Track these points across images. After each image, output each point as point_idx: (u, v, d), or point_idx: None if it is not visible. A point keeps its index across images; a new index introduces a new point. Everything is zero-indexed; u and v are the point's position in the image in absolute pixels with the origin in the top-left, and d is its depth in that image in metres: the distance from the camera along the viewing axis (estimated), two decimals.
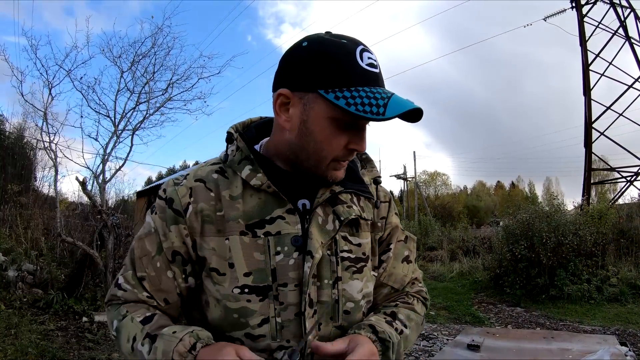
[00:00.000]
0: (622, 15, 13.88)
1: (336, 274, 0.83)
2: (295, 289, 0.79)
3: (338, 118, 0.76)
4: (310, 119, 0.77)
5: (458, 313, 6.85)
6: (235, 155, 0.85)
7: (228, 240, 0.79)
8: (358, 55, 0.75)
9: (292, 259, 0.80)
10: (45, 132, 6.53)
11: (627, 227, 9.02)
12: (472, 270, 10.41)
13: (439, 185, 47.60)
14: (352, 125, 0.78)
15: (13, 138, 14.13)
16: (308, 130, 0.78)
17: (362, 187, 0.91)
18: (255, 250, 0.79)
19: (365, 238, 0.90)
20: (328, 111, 0.76)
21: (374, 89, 0.74)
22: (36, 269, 5.95)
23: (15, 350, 3.88)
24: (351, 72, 0.74)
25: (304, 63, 0.76)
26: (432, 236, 16.84)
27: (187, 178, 0.85)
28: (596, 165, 14.95)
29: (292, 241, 0.80)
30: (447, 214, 31.44)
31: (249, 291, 0.78)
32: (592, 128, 13.80)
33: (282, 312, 0.79)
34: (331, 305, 0.83)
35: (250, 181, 0.81)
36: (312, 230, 0.81)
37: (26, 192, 11.39)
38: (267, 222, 0.80)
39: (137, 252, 0.84)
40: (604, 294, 6.94)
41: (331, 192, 0.85)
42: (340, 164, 0.82)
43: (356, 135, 0.79)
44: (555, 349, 1.87)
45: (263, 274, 0.79)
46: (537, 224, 7.62)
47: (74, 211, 9.43)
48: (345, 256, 0.85)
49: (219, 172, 0.85)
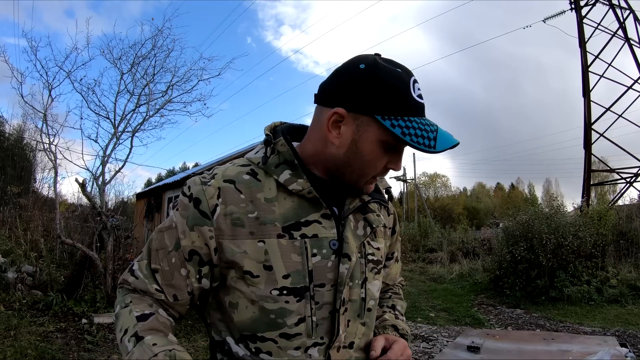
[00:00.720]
0: (622, 17, 13.90)
1: (364, 275, 0.90)
2: (331, 289, 0.84)
3: (388, 142, 0.81)
4: (362, 139, 0.82)
5: (458, 315, 6.84)
6: (272, 159, 0.87)
7: (264, 243, 0.81)
8: (412, 86, 0.80)
9: (330, 261, 0.84)
10: (45, 134, 6.55)
11: (627, 229, 9.02)
12: (472, 272, 10.41)
13: (438, 187, 47.65)
14: (396, 149, 0.84)
15: (13, 139, 14.13)
16: (358, 149, 0.83)
17: (383, 198, 1.00)
18: (293, 252, 0.82)
19: (382, 243, 0.98)
20: (381, 135, 0.81)
21: (424, 120, 0.80)
22: (35, 271, 5.95)
23: (15, 351, 3.87)
24: (406, 102, 0.79)
25: (362, 86, 0.80)
26: (431, 238, 16.84)
27: (216, 178, 0.85)
28: (596, 166, 14.96)
29: (330, 244, 0.85)
30: (446, 215, 31.44)
31: (287, 293, 0.81)
32: (592, 129, 13.80)
33: (317, 311, 0.83)
34: (359, 303, 0.89)
35: (289, 185, 0.84)
36: (347, 235, 0.87)
37: (26, 193, 11.39)
38: (302, 225, 0.84)
39: (154, 244, 0.86)
40: (604, 295, 6.94)
41: (361, 201, 0.92)
42: (376, 179, 0.90)
43: (396, 157, 0.86)
44: (555, 351, 1.87)
45: (300, 276, 0.81)
46: (537, 226, 7.62)
47: (73, 213, 9.41)
48: (370, 259, 0.92)
49: (250, 174, 0.86)
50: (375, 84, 0.79)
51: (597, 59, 13.97)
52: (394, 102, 0.79)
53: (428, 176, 46.38)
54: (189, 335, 4.91)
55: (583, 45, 14.27)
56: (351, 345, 0.89)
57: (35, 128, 9.80)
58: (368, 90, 0.79)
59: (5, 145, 13.38)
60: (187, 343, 4.65)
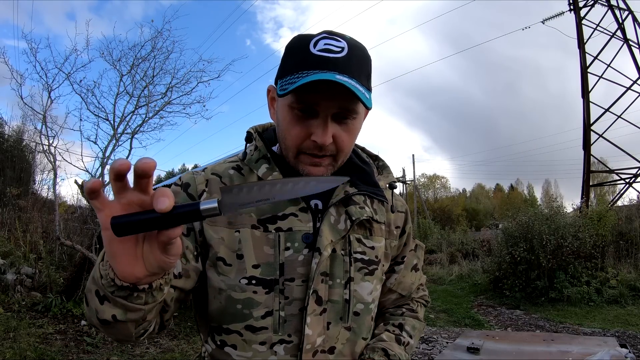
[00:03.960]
0: (620, 18, 13.93)
1: (349, 274, 0.84)
2: (302, 285, 0.80)
3: (292, 106, 0.78)
4: (279, 109, 0.83)
5: (457, 316, 6.83)
6: (253, 154, 0.88)
7: (239, 232, 0.80)
8: (312, 43, 0.76)
9: (302, 255, 0.81)
10: (45, 135, 6.54)
11: (626, 229, 9.02)
12: (472, 273, 10.40)
13: (438, 189, 47.68)
14: (311, 113, 0.78)
15: (12, 141, 14.12)
16: (279, 120, 0.84)
17: (376, 190, 0.92)
18: (266, 244, 0.80)
19: (379, 242, 0.91)
20: (286, 99, 0.79)
21: (313, 72, 0.73)
22: (35, 273, 5.93)
23: (14, 353, 3.86)
24: (299, 60, 0.76)
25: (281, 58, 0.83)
26: (431, 239, 16.83)
27: (205, 171, 0.88)
28: (595, 167, 14.97)
29: (302, 238, 0.81)
30: (446, 217, 31.42)
31: (256, 283, 0.79)
32: (591, 130, 13.82)
33: (286, 306, 0.80)
34: (341, 304, 0.84)
35: (266, 179, 0.83)
36: (323, 228, 0.82)
37: (25, 195, 11.38)
38: (279, 218, 0.82)
39: None
40: (604, 296, 6.94)
41: (345, 194, 0.87)
42: (312, 158, 0.81)
43: (317, 127, 0.78)
44: (555, 352, 1.87)
45: (271, 268, 0.79)
46: (536, 227, 7.62)
47: (72, 214, 9.39)
48: (359, 257, 0.86)
49: (235, 169, 0.88)
50: (285, 53, 0.81)
51: (596, 59, 14.00)
52: (288, 63, 0.78)
53: (427, 177, 46.44)
54: (188, 337, 4.91)
55: (582, 46, 14.30)
56: (331, 351, 0.84)
57: (34, 130, 9.78)
58: (282, 59, 0.82)
59: (4, 147, 13.38)
60: (187, 345, 4.65)
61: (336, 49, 0.75)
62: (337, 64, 0.74)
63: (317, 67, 0.73)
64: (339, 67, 0.74)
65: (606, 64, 13.80)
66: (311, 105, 0.77)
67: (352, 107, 0.78)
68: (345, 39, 0.77)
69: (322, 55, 0.74)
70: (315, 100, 0.76)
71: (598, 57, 13.99)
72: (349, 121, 0.80)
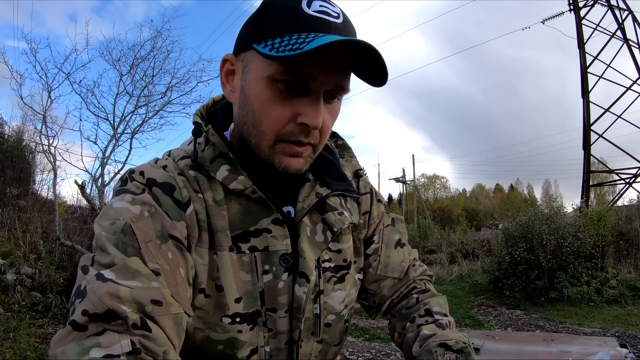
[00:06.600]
0: (620, 18, 13.93)
1: (318, 287, 0.72)
2: (285, 315, 0.69)
3: (276, 78, 0.59)
4: (247, 82, 0.63)
5: (457, 316, 6.83)
6: (205, 151, 0.67)
7: (216, 255, 0.64)
8: (305, 2, 0.59)
9: (282, 281, 0.67)
10: (45, 135, 6.56)
11: (626, 229, 9.02)
12: (472, 273, 10.40)
13: (438, 189, 47.69)
14: (300, 89, 0.60)
15: (12, 141, 14.12)
16: (246, 97, 0.63)
17: (348, 187, 0.77)
18: (242, 268, 0.65)
19: (346, 242, 0.78)
20: (264, 69, 0.60)
21: (313, 34, 0.57)
22: (35, 273, 5.93)
23: (14, 353, 3.86)
24: (291, 20, 0.59)
25: (248, 22, 0.64)
26: (431, 239, 16.84)
27: (168, 168, 0.66)
28: (595, 167, 14.98)
29: (280, 261, 0.67)
30: (446, 217, 31.43)
31: (240, 320, 0.65)
32: (591, 130, 13.82)
33: (271, 339, 0.69)
34: (312, 320, 0.73)
35: (229, 185, 0.65)
36: (302, 246, 0.69)
37: (25, 195, 11.37)
38: (251, 235, 0.66)
39: (139, 234, 0.57)
40: (604, 296, 6.93)
41: (317, 197, 0.72)
42: (293, 147, 0.63)
43: (307, 106, 0.61)
44: (555, 352, 1.87)
45: (251, 298, 0.66)
46: (536, 227, 7.62)
47: (72, 214, 9.40)
48: (327, 266, 0.74)
49: (195, 169, 0.67)
50: (260, 12, 0.62)
51: (596, 60, 14.00)
52: (275, 23, 0.59)
53: (427, 178, 46.45)
54: None
55: (582, 46, 14.30)
56: None
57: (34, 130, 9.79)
58: (253, 21, 0.63)
59: (4, 147, 13.37)
60: None
61: (334, 14, 0.61)
62: (338, 30, 0.60)
63: (318, 30, 0.58)
64: (340, 33, 0.60)
65: (606, 64, 13.80)
66: (304, 79, 0.59)
67: (346, 84, 0.63)
68: None
69: (322, 17, 0.59)
70: (312, 72, 0.59)
71: (598, 57, 13.99)
72: (335, 102, 0.65)
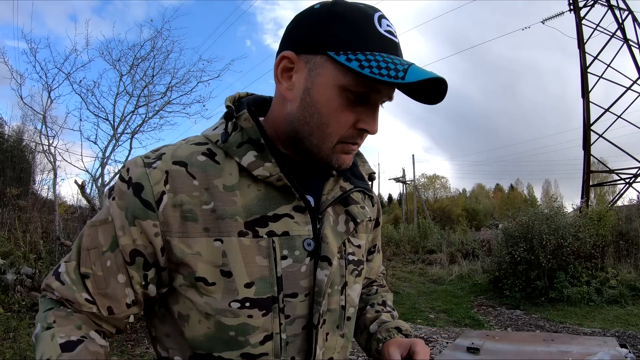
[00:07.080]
0: (620, 18, 13.93)
1: (344, 279, 0.75)
2: (305, 299, 0.69)
3: (348, 88, 0.64)
4: (315, 86, 0.65)
5: (457, 316, 6.83)
6: (234, 137, 0.69)
7: (221, 242, 0.65)
8: (376, 19, 0.64)
9: (304, 265, 0.69)
10: (45, 135, 6.57)
11: (626, 229, 9.02)
12: (472, 273, 10.40)
13: (437, 189, 47.66)
14: (364, 99, 0.66)
15: (12, 141, 14.12)
16: (312, 99, 0.66)
17: (367, 186, 0.83)
18: (258, 253, 0.66)
19: (363, 239, 0.83)
20: (338, 78, 0.63)
21: (392, 56, 0.62)
22: (35, 273, 5.93)
23: (14, 353, 3.86)
24: (367, 36, 0.63)
25: (314, 23, 0.65)
26: (431, 239, 16.85)
27: (163, 159, 0.67)
28: (595, 167, 14.98)
29: (304, 244, 0.69)
30: (446, 217, 31.41)
31: (250, 305, 0.65)
32: (591, 130, 13.82)
33: (288, 326, 0.68)
34: (338, 312, 0.75)
35: (253, 171, 0.67)
36: (326, 232, 0.72)
37: (25, 195, 11.38)
38: (269, 220, 0.67)
39: (85, 241, 0.67)
40: (604, 296, 6.94)
41: (342, 190, 0.76)
42: (350, 147, 0.69)
43: (367, 114, 0.67)
44: (555, 352, 1.86)
45: (266, 284, 0.66)
46: (537, 227, 7.62)
47: (72, 214, 9.41)
48: (350, 259, 0.77)
49: (206, 155, 0.68)
50: (329, 18, 0.64)
51: (596, 60, 14.00)
52: (351, 35, 0.62)
53: (427, 178, 46.44)
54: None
55: (582, 46, 14.30)
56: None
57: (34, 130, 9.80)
58: (320, 25, 0.64)
59: (4, 147, 13.38)
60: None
61: (395, 33, 0.66)
62: (399, 51, 0.66)
63: (390, 51, 0.64)
64: (400, 54, 0.66)
65: (606, 64, 13.81)
66: (370, 92, 0.65)
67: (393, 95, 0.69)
68: None
69: (391, 38, 0.65)
70: (381, 89, 0.65)
71: (598, 57, 14.00)
72: None
